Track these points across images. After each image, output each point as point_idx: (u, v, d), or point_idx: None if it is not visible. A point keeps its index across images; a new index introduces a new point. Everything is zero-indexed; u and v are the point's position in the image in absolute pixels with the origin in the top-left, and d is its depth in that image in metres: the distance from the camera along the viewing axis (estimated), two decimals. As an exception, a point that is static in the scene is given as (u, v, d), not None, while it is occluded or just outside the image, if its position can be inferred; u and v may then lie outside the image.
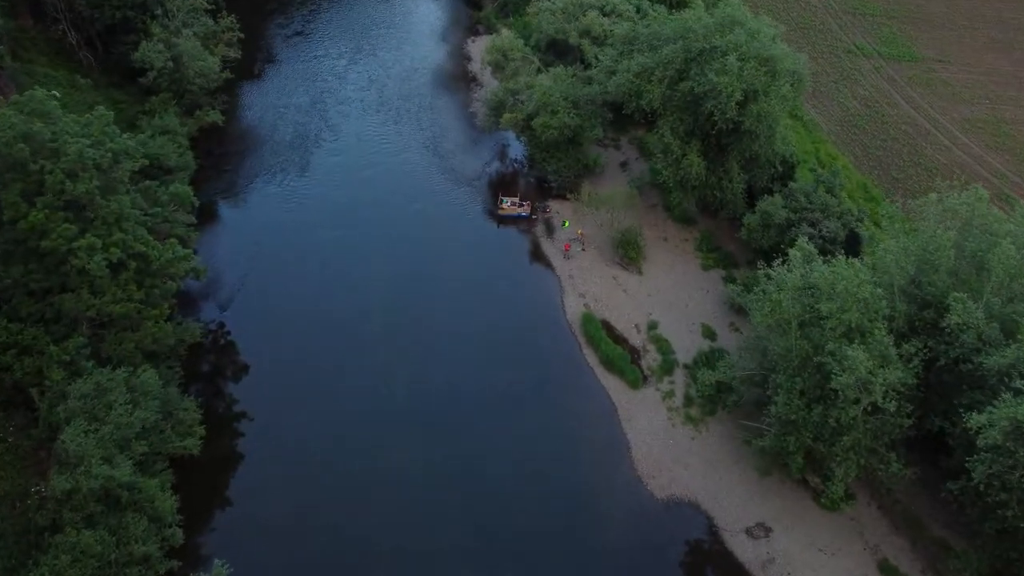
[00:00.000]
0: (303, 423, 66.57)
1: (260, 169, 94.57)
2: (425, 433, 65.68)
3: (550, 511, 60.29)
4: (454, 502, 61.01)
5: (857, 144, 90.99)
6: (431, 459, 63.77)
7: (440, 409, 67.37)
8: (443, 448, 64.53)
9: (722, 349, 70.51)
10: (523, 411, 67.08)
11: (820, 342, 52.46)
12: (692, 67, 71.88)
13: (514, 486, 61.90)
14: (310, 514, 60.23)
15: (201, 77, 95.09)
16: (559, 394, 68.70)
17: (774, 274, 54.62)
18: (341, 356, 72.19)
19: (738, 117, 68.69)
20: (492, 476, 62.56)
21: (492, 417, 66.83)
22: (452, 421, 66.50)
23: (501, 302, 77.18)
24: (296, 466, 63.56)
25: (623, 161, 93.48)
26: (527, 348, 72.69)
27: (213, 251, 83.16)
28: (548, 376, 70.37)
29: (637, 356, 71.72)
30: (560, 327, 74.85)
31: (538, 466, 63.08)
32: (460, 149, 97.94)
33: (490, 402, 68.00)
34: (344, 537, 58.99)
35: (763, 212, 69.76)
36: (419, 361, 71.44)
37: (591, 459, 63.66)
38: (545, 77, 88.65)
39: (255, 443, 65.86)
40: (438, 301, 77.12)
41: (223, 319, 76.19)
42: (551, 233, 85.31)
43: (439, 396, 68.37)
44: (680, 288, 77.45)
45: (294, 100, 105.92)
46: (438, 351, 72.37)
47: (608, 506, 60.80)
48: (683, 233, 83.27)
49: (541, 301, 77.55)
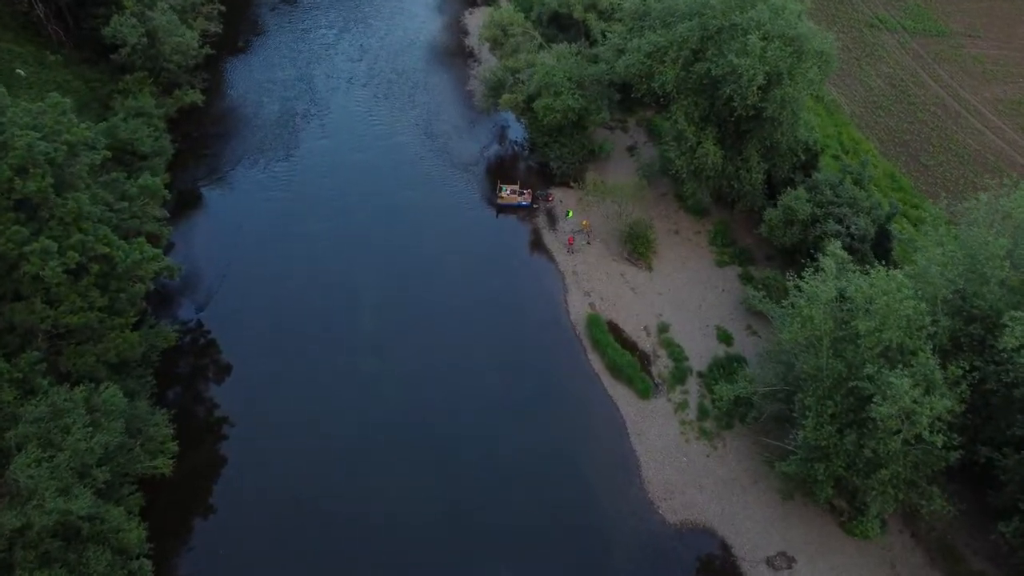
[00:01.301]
0: (287, 433, 61.45)
1: (243, 153, 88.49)
2: (416, 448, 60.52)
3: (553, 538, 55.30)
4: (445, 526, 56.05)
5: (882, 127, 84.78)
6: (422, 477, 58.64)
7: (433, 422, 62.14)
8: (435, 464, 59.44)
9: (739, 356, 65.15)
10: (523, 425, 61.84)
11: (855, 361, 47.04)
12: (709, 47, 65.56)
13: (514, 511, 56.79)
14: (292, 539, 55.34)
15: (178, 54, 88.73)
16: (563, 405, 63.43)
17: (805, 287, 48.79)
18: (327, 359, 66.81)
19: (760, 103, 62.53)
20: (489, 501, 57.46)
21: (490, 431, 61.59)
22: (446, 436, 61.29)
23: (500, 301, 71.62)
24: (279, 482, 58.47)
25: (631, 145, 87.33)
26: (527, 353, 67.32)
27: (191, 244, 77.66)
28: (550, 385, 65.05)
29: (647, 362, 66.35)
30: (563, 329, 69.37)
31: (540, 488, 58.00)
32: (456, 131, 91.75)
33: (487, 414, 62.76)
34: (328, 565, 54.15)
35: (786, 207, 63.88)
36: (410, 366, 66.07)
37: (598, 480, 58.54)
38: (547, 55, 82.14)
39: (235, 456, 60.79)
40: (432, 298, 71.62)
41: (202, 318, 70.74)
42: (553, 224, 79.52)
43: (431, 407, 63.07)
44: (693, 286, 71.85)
45: (280, 76, 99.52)
46: (431, 355, 66.93)
47: (616, 532, 55.78)
48: (696, 225, 77.43)
49: (543, 300, 72.00)
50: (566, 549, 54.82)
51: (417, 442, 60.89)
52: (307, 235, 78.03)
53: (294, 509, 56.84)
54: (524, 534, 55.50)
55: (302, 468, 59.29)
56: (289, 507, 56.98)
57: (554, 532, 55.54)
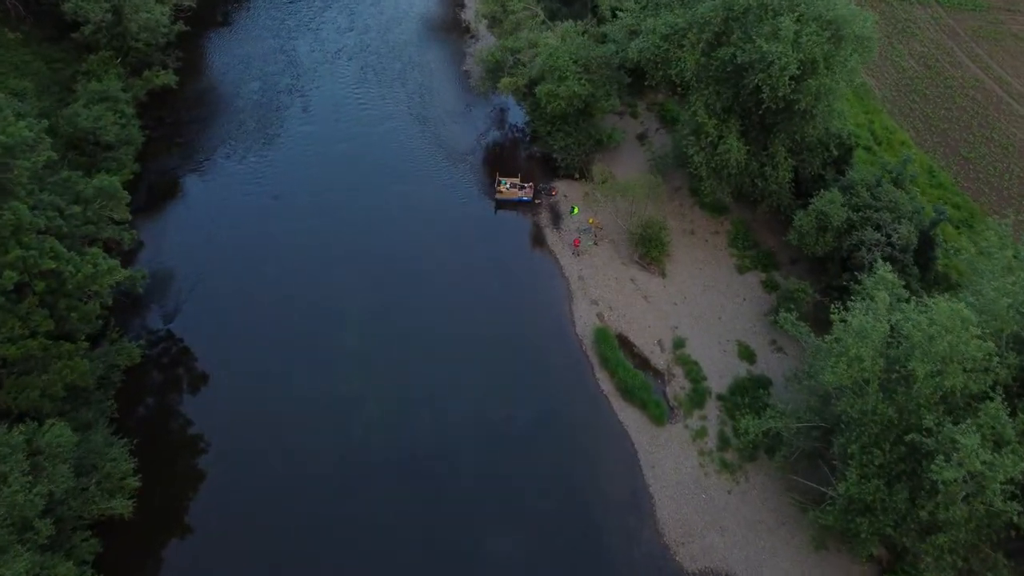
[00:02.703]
0: (261, 462, 55.28)
1: (220, 140, 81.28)
2: (404, 482, 54.37)
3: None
4: (435, 572, 50.23)
5: (917, 115, 77.50)
6: (410, 516, 52.58)
7: (422, 451, 55.88)
8: (424, 501, 53.31)
9: (763, 377, 58.84)
10: (523, 456, 55.70)
11: (909, 406, 40.70)
12: (734, 29, 58.33)
13: (512, 556, 50.85)
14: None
15: (147, 32, 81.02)
16: (567, 433, 57.16)
17: (855, 322, 41.97)
18: (308, 378, 60.38)
19: (792, 94, 55.38)
20: (484, 544, 51.45)
21: (485, 463, 55.43)
22: (436, 467, 55.09)
23: (498, 310, 65.03)
24: (252, 519, 52.52)
25: (641, 133, 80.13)
26: (529, 371, 60.92)
27: (161, 244, 70.80)
28: (554, 409, 58.72)
29: (661, 381, 60.06)
30: (568, 343, 62.93)
31: (542, 529, 51.90)
32: (451, 116, 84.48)
33: (483, 442, 56.56)
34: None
35: (818, 212, 56.95)
36: (398, 387, 59.68)
37: (607, 520, 52.49)
38: (551, 34, 74.64)
39: (206, 489, 54.58)
40: (423, 308, 65.03)
41: (172, 329, 64.19)
42: (557, 222, 72.68)
43: (421, 434, 56.82)
44: (711, 295, 65.27)
45: (262, 53, 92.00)
46: (421, 374, 60.54)
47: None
48: (713, 224, 70.59)
49: (546, 310, 65.46)
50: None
51: (405, 475, 54.71)
52: (288, 235, 71.21)
53: (269, 549, 50.92)
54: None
55: (277, 502, 53.28)
56: (263, 547, 51.06)
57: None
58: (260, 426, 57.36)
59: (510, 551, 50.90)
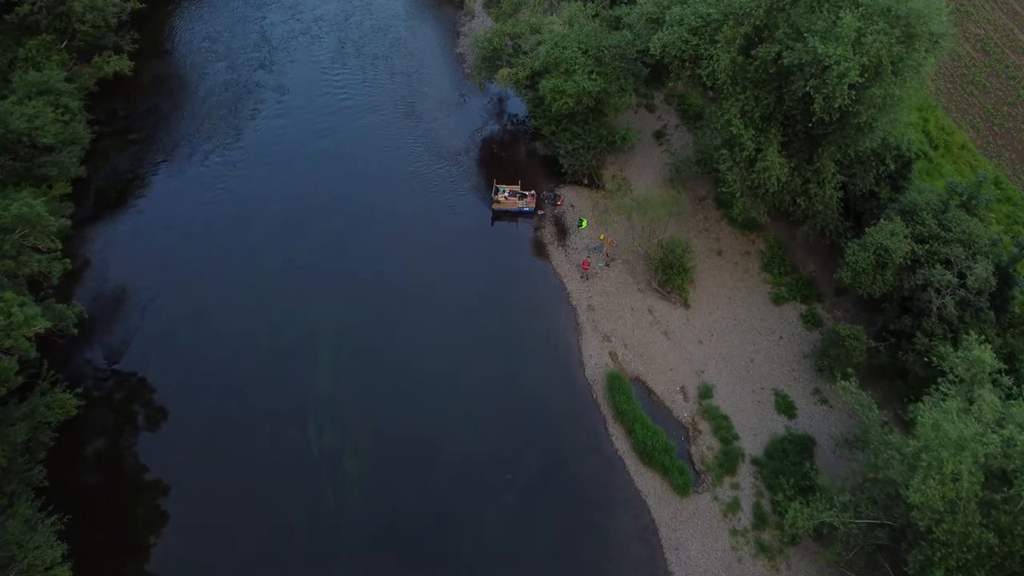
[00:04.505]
0: (221, 533, 47.28)
1: (180, 137, 71.61)
2: (382, 560, 46.21)
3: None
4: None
5: (976, 111, 67.58)
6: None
7: (405, 521, 47.68)
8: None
9: (806, 437, 50.18)
10: (525, 530, 47.36)
11: (1017, 530, 32.10)
12: (780, 22, 48.38)
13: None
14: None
15: (95, 11, 70.76)
16: (575, 503, 48.64)
17: (951, 430, 32.93)
18: (275, 430, 51.87)
19: (852, 106, 45.70)
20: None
21: (479, 538, 47.17)
22: (421, 542, 46.92)
23: (496, 349, 56.15)
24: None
25: (659, 130, 70.29)
26: (531, 425, 52.22)
27: (109, 261, 62.06)
28: (560, 472, 50.17)
29: (685, 438, 51.47)
30: (577, 390, 54.14)
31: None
32: (442, 108, 74.54)
33: (476, 513, 48.18)
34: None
35: (877, 247, 47.59)
36: (377, 442, 51.29)
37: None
38: (557, 18, 64.39)
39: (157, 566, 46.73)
40: (408, 345, 56.22)
41: (119, 370, 55.54)
42: (563, 238, 63.41)
43: (404, 500, 48.55)
44: (742, 331, 56.30)
45: (229, 31, 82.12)
46: (406, 426, 52.02)
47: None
48: (743, 243, 61.33)
49: (550, 347, 56.56)
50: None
51: (384, 551, 46.51)
52: (256, 252, 62.11)
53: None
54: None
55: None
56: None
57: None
58: (221, 488, 49.19)
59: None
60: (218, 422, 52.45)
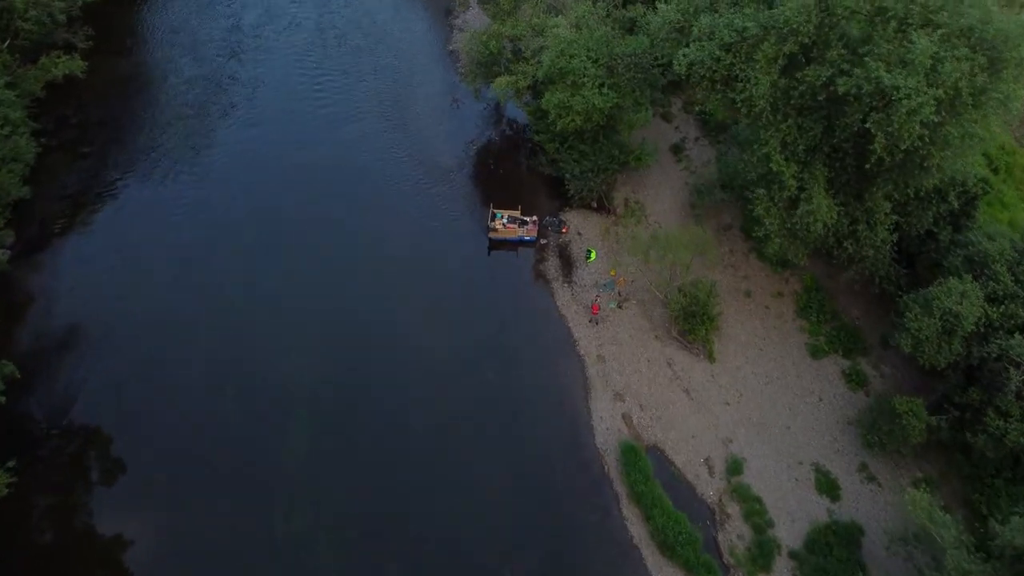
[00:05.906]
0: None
1: (138, 150, 63.67)
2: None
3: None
4: None
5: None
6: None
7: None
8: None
9: (853, 524, 43.17)
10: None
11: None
12: (832, 42, 40.35)
13: None
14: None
15: (37, 7, 62.44)
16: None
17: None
18: (242, 511, 44.74)
19: (923, 147, 37.91)
20: None
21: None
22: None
23: (489, 409, 48.85)
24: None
25: (676, 143, 62.43)
26: (533, 506, 45.08)
27: (52, 298, 54.28)
28: (566, 564, 43.25)
29: (711, 522, 44.51)
30: (586, 463, 46.94)
31: None
32: (432, 115, 66.69)
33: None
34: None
35: (944, 312, 40.11)
36: (357, 526, 44.27)
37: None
38: (563, 20, 56.09)
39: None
40: (391, 409, 48.89)
41: (56, 439, 48.29)
42: (569, 272, 55.96)
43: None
44: (775, 390, 49.08)
45: (196, 26, 73.67)
46: (388, 504, 44.96)
47: None
48: (776, 282, 53.84)
49: (554, 408, 49.30)
50: None
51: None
52: (221, 293, 54.37)
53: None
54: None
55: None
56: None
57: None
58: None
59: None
60: (174, 500, 45.27)
